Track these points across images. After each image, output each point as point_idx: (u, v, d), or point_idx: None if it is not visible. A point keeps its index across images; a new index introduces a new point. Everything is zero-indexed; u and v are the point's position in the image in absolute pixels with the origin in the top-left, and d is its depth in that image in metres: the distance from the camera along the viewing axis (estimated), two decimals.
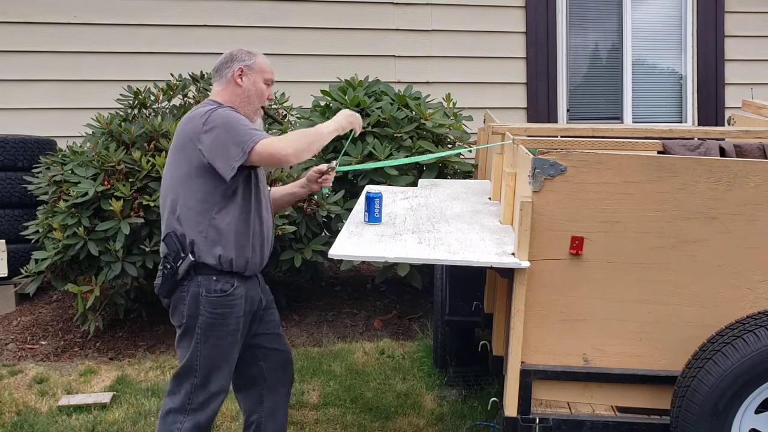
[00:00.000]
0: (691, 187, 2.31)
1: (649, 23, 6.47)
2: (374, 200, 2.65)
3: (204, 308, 2.37)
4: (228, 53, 2.52)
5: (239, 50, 2.53)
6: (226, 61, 2.51)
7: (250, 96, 2.49)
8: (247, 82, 2.48)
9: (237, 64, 2.48)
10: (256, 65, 2.50)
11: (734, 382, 2.18)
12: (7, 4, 5.48)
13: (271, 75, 2.54)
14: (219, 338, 2.39)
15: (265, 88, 2.52)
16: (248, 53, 2.52)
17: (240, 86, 2.47)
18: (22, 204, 4.82)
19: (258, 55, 2.53)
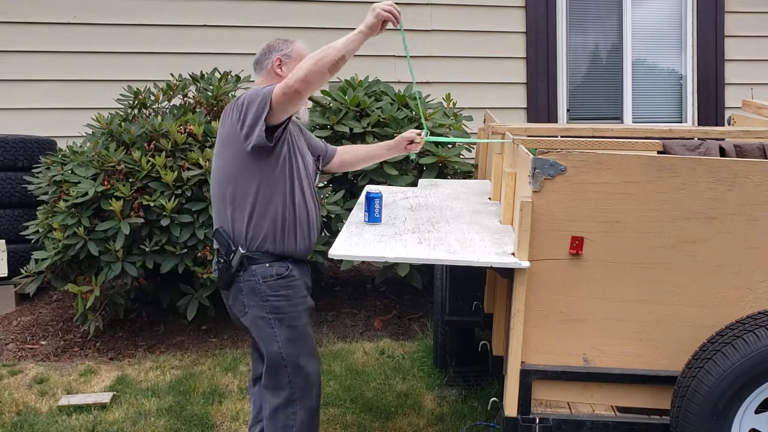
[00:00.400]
0: (691, 187, 2.31)
1: (649, 23, 6.47)
2: (374, 200, 2.65)
3: (267, 294, 2.41)
4: (266, 45, 2.55)
5: (276, 40, 2.55)
6: (264, 53, 2.53)
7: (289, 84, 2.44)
8: (287, 71, 2.46)
9: (275, 55, 2.51)
10: (294, 53, 2.51)
11: (734, 382, 2.18)
12: (7, 4, 5.48)
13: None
14: (293, 319, 2.43)
15: None
16: (285, 42, 2.54)
17: (280, 76, 2.46)
18: (22, 204, 4.82)
19: (295, 42, 2.54)
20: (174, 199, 3.97)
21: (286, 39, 2.56)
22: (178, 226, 4.02)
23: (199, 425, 3.31)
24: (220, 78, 4.64)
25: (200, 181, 4.03)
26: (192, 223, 4.03)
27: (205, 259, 4.01)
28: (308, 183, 2.53)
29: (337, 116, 4.50)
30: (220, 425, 3.32)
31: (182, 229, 4.02)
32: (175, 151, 4.13)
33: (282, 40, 2.55)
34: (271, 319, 2.42)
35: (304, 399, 2.43)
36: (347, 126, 4.46)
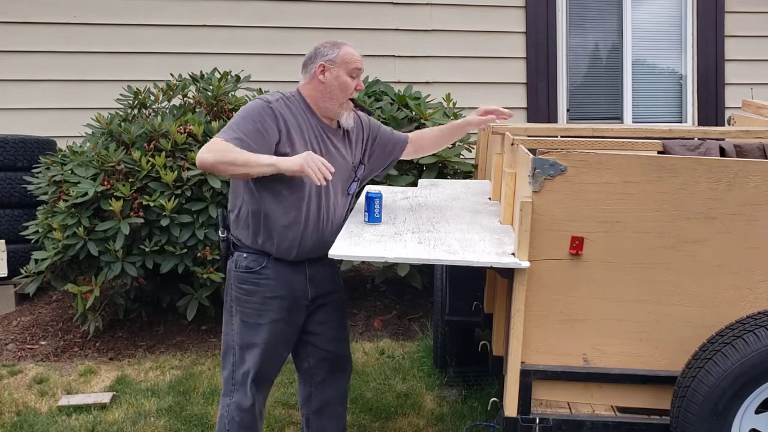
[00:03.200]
0: (691, 187, 2.31)
1: (649, 23, 6.47)
2: (374, 200, 2.65)
3: (234, 282, 2.45)
4: (314, 48, 2.52)
5: (324, 44, 2.50)
6: (310, 56, 2.51)
7: (333, 91, 2.47)
8: (330, 78, 2.46)
9: (320, 60, 2.47)
10: (339, 58, 2.47)
11: (734, 382, 2.18)
12: (7, 4, 5.48)
13: (357, 65, 2.50)
14: (245, 315, 2.44)
15: (349, 80, 2.49)
16: (332, 46, 2.49)
17: (322, 83, 2.47)
18: (22, 204, 4.82)
19: (342, 47, 2.49)
20: (174, 199, 3.97)
21: (334, 42, 2.51)
22: (177, 226, 4.02)
23: (199, 425, 3.31)
24: (220, 78, 4.64)
25: (200, 181, 4.03)
26: (192, 223, 4.03)
27: (205, 259, 4.01)
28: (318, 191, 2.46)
29: None
30: None
31: (182, 229, 4.02)
32: (175, 151, 4.13)
33: (330, 44, 2.50)
34: (232, 306, 2.48)
35: (239, 393, 2.46)
36: None
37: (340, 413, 2.71)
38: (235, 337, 2.47)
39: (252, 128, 2.32)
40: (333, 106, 2.48)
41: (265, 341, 2.45)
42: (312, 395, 2.66)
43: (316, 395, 2.65)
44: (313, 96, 2.49)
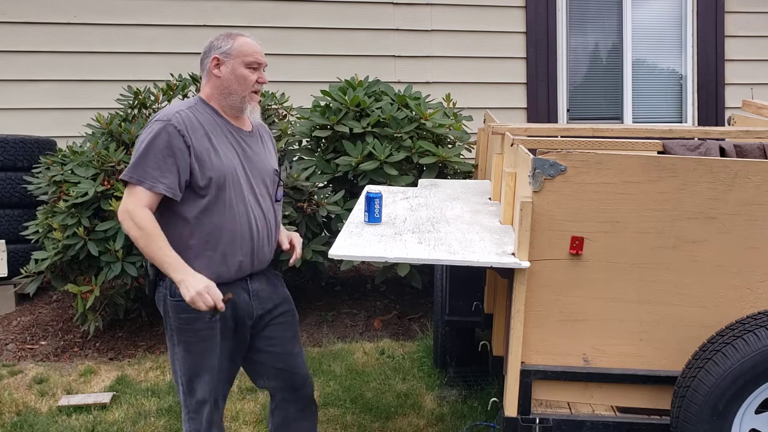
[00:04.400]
0: (691, 187, 2.31)
1: (649, 23, 6.47)
2: (374, 200, 2.65)
3: (171, 312, 2.25)
4: (207, 42, 2.34)
5: (218, 36, 2.32)
6: (204, 52, 2.33)
7: (230, 86, 2.29)
8: (225, 72, 2.29)
9: (213, 53, 2.30)
10: (234, 50, 2.28)
11: (734, 382, 2.18)
12: (7, 4, 5.48)
13: (254, 57, 2.30)
14: (189, 344, 2.26)
15: (248, 73, 2.29)
16: (226, 37, 2.31)
17: (218, 77, 2.29)
18: (22, 204, 4.82)
19: (237, 38, 2.30)
20: None
21: (229, 33, 2.32)
22: None
23: None
24: None
25: None
26: None
27: None
28: (253, 191, 2.31)
29: (337, 116, 4.50)
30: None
31: None
32: None
33: (224, 36, 2.32)
34: (173, 337, 2.29)
35: (195, 421, 2.32)
36: (347, 126, 4.46)
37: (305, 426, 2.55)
38: (181, 367, 2.29)
39: (166, 162, 2.14)
40: (234, 102, 2.30)
41: (212, 367, 2.30)
42: (275, 411, 2.54)
43: (278, 412, 2.53)
44: (213, 95, 2.32)
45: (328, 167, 4.49)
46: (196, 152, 2.18)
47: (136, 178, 2.14)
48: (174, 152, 2.15)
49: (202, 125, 2.24)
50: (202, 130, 2.23)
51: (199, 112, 2.27)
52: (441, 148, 4.48)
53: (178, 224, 2.21)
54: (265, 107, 4.66)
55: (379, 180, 4.29)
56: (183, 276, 2.11)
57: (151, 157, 2.15)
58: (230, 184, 2.23)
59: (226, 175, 2.23)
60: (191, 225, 2.21)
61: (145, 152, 2.15)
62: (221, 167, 2.22)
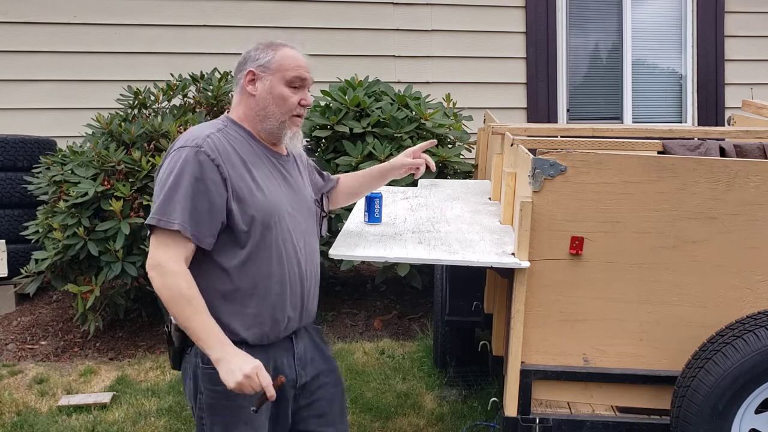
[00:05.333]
0: (691, 187, 2.31)
1: (649, 23, 6.47)
2: (374, 200, 2.65)
3: (203, 384, 1.82)
4: (244, 52, 1.97)
5: (256, 45, 1.95)
6: (239, 63, 1.95)
7: (267, 107, 1.88)
8: (261, 89, 1.89)
9: (248, 66, 1.91)
10: (273, 63, 1.89)
11: (734, 382, 2.18)
12: (7, 4, 5.48)
13: (297, 72, 1.90)
14: (227, 425, 1.83)
15: (288, 92, 1.89)
16: (266, 48, 1.92)
17: (252, 95, 1.90)
18: (22, 204, 4.82)
19: (280, 49, 1.92)
20: None
21: (270, 43, 1.93)
22: None
23: None
24: (220, 78, 4.64)
25: None
26: None
27: None
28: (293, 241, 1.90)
29: (337, 116, 4.50)
30: None
31: None
32: None
33: (264, 46, 1.93)
34: (204, 418, 1.84)
35: None
36: (347, 126, 4.46)
37: None
38: None
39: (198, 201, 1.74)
40: (271, 125, 1.90)
41: None
42: None
43: None
44: (248, 117, 1.91)
45: (328, 167, 4.48)
46: (235, 186, 1.78)
47: (165, 221, 1.73)
48: (208, 187, 1.74)
49: (237, 152, 1.83)
50: (238, 157, 1.82)
51: (230, 135, 1.86)
52: (441, 148, 4.48)
53: (212, 275, 1.81)
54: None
55: None
56: (223, 354, 1.70)
57: (181, 194, 1.73)
58: (276, 223, 1.84)
59: (272, 212, 1.83)
60: (230, 276, 1.80)
61: (173, 188, 1.74)
62: (265, 203, 1.82)
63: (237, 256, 1.80)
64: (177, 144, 1.80)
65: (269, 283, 1.83)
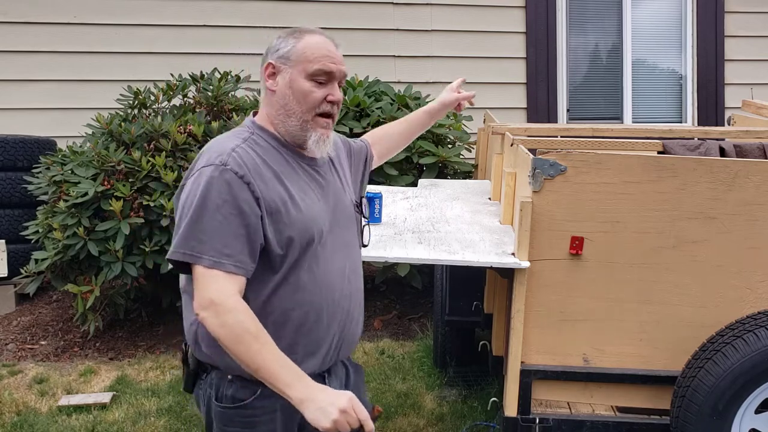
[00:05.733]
0: (691, 187, 2.31)
1: (649, 23, 6.47)
2: (374, 200, 2.65)
3: (215, 422, 1.62)
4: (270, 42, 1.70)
5: (279, 35, 1.67)
6: (263, 57, 1.68)
7: (287, 104, 1.62)
8: (282, 84, 1.62)
9: (268, 58, 1.65)
10: (294, 53, 1.61)
11: (734, 382, 2.18)
12: (7, 4, 5.48)
13: (321, 64, 1.62)
14: None
15: (310, 86, 1.61)
16: (289, 36, 1.65)
17: (272, 91, 1.64)
18: (22, 204, 4.82)
19: (303, 36, 1.64)
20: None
21: (294, 31, 1.66)
22: None
23: (199, 425, 3.31)
24: (220, 78, 4.64)
25: None
26: None
27: None
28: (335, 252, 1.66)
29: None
30: None
31: None
32: (175, 151, 4.13)
33: (286, 34, 1.66)
34: None
35: None
36: (347, 126, 4.46)
37: None
38: None
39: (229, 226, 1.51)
40: (293, 126, 1.63)
41: None
42: None
43: None
44: (270, 117, 1.66)
45: None
46: (268, 204, 1.54)
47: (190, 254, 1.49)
48: (241, 209, 1.51)
49: (267, 164, 1.59)
50: (269, 170, 1.58)
51: (258, 144, 1.61)
52: (441, 148, 4.48)
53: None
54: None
55: (379, 180, 4.29)
56: (306, 392, 1.44)
57: (209, 220, 1.50)
58: (316, 242, 1.61)
59: (311, 230, 1.59)
60: (263, 306, 1.56)
61: (198, 214, 1.50)
62: (304, 221, 1.58)
63: (270, 282, 1.56)
64: (199, 162, 1.56)
65: (306, 311, 1.59)
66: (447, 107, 2.23)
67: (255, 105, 4.61)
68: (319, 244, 1.61)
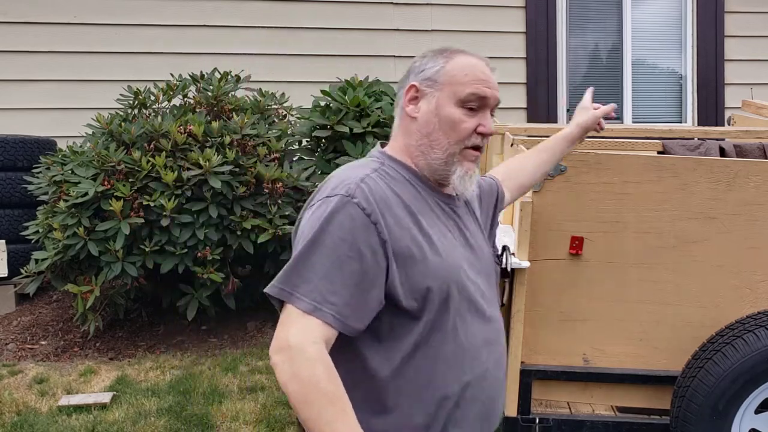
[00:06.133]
0: (691, 187, 2.31)
1: (649, 23, 6.48)
2: None
3: None
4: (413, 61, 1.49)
5: (425, 52, 1.48)
6: (402, 78, 1.49)
7: (431, 134, 1.39)
8: (425, 110, 1.40)
9: (410, 79, 1.44)
10: (443, 75, 1.40)
11: (734, 382, 2.18)
12: (7, 4, 5.48)
13: (476, 87, 1.39)
14: None
15: (461, 114, 1.38)
16: (437, 54, 1.44)
17: (413, 119, 1.41)
18: (22, 204, 4.82)
19: (454, 56, 1.42)
20: (174, 199, 3.97)
21: (443, 50, 1.45)
22: (178, 226, 4.02)
23: (199, 425, 3.30)
24: (220, 78, 4.64)
25: (200, 181, 4.03)
26: (192, 223, 4.03)
27: (205, 259, 4.01)
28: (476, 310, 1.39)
29: (337, 116, 4.50)
30: (220, 425, 3.32)
31: (182, 229, 4.02)
32: (175, 151, 4.13)
33: (434, 53, 1.45)
34: None
35: None
36: (347, 126, 4.46)
37: None
38: None
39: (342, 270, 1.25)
40: (435, 159, 1.40)
41: None
42: None
43: None
44: (408, 148, 1.43)
45: (328, 167, 4.48)
46: (399, 248, 1.29)
47: (289, 293, 1.25)
48: (360, 252, 1.26)
49: (400, 198, 1.34)
50: (402, 206, 1.34)
51: (389, 176, 1.38)
52: None
53: (361, 375, 1.31)
54: (265, 107, 4.66)
55: None
56: None
57: (320, 257, 1.26)
58: (455, 297, 1.34)
59: (453, 279, 1.34)
60: (394, 378, 1.30)
61: (310, 249, 1.26)
62: (443, 267, 1.33)
63: (402, 346, 1.30)
64: (322, 192, 1.35)
65: (445, 385, 1.30)
66: (587, 130, 1.95)
67: (255, 105, 4.61)
68: (460, 299, 1.34)
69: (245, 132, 4.25)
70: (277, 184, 4.09)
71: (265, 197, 4.14)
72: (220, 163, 4.01)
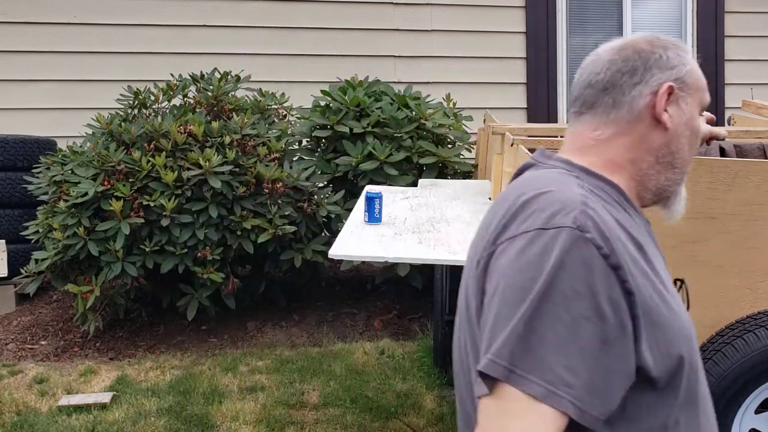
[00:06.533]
0: (691, 187, 2.31)
1: (649, 23, 6.47)
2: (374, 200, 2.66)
3: None
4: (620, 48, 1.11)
5: (646, 38, 1.11)
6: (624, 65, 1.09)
7: (679, 150, 1.10)
8: (678, 120, 1.09)
9: (658, 75, 1.08)
10: (691, 76, 1.11)
11: (734, 382, 2.18)
12: (7, 4, 5.48)
13: (707, 94, 1.15)
14: None
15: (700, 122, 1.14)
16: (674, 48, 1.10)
17: (664, 129, 1.08)
18: (22, 204, 4.82)
19: (685, 51, 1.12)
20: (174, 199, 3.97)
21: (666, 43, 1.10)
22: (178, 226, 4.02)
23: (199, 425, 3.31)
24: (220, 78, 4.64)
25: (200, 181, 4.03)
26: (192, 223, 4.03)
27: (205, 259, 4.01)
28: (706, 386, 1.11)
29: (337, 116, 4.50)
30: (220, 425, 3.32)
31: (182, 229, 4.02)
32: (175, 151, 4.13)
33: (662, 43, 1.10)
34: None
35: None
36: (347, 126, 4.47)
37: None
38: None
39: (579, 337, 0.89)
40: (668, 181, 1.11)
41: None
42: None
43: None
44: (632, 163, 1.09)
45: (328, 167, 4.49)
46: (645, 302, 0.94)
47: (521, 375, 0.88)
48: (600, 311, 0.90)
49: (624, 230, 0.99)
50: (630, 240, 0.99)
51: (601, 199, 1.01)
52: (441, 148, 4.48)
53: None
54: (265, 107, 4.66)
55: (379, 180, 4.29)
56: None
57: (550, 321, 0.89)
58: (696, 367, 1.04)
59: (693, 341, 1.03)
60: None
61: (537, 307, 0.89)
62: (685, 327, 1.02)
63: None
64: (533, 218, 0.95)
65: None
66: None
67: (255, 105, 4.61)
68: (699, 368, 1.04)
69: (245, 132, 4.25)
70: (277, 184, 4.09)
71: (265, 197, 4.14)
72: (220, 163, 4.01)
